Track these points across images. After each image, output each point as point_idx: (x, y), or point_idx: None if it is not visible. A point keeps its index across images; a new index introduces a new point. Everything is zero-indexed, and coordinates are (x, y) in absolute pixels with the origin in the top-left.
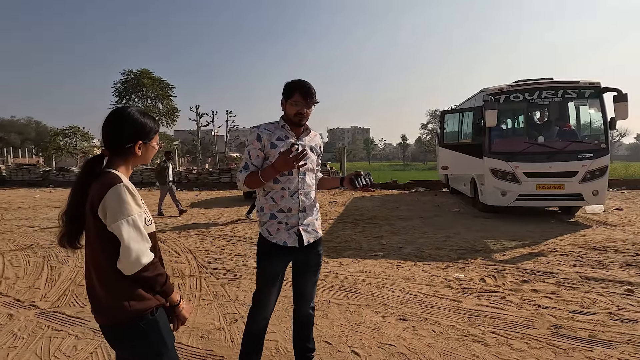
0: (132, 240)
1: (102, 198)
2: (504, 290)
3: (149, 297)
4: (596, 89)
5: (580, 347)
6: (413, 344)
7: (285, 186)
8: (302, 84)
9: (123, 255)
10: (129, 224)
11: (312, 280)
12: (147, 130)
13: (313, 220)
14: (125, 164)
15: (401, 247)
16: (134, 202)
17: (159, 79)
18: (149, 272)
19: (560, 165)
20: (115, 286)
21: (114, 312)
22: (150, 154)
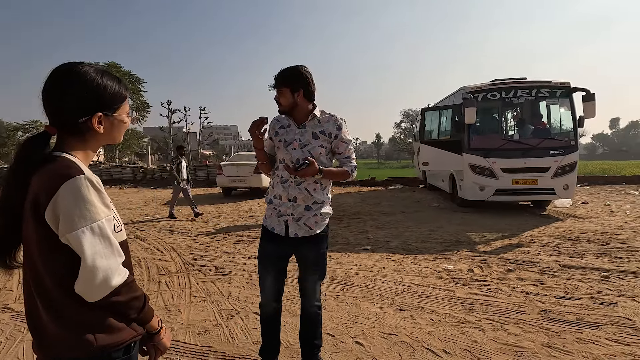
0: (98, 255)
1: (51, 196)
2: (492, 280)
3: (121, 328)
4: (566, 89)
5: (570, 329)
6: (414, 332)
7: (279, 173)
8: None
9: (85, 276)
10: (94, 233)
11: (311, 280)
12: (109, 96)
13: (308, 214)
14: (83, 146)
15: (388, 241)
16: (101, 202)
17: (128, 73)
18: (120, 295)
19: (534, 161)
20: (72, 316)
21: (71, 349)
22: (119, 131)
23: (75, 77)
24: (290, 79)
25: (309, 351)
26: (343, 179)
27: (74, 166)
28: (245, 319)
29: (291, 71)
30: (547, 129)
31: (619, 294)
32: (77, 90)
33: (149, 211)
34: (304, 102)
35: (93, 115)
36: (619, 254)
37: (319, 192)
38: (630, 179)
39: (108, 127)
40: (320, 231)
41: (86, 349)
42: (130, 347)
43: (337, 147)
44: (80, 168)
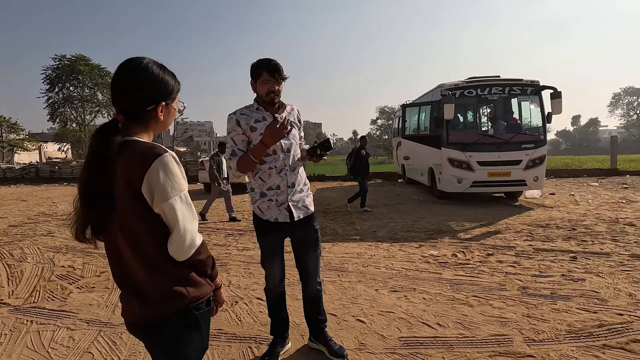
0: (187, 220)
1: (144, 173)
2: (475, 263)
3: (203, 282)
4: (536, 87)
5: (546, 302)
6: (409, 310)
7: (272, 165)
8: (267, 61)
9: (178, 238)
10: (182, 201)
11: (314, 256)
12: (169, 87)
13: (303, 197)
14: (145, 131)
15: (375, 231)
16: (182, 175)
17: (98, 66)
18: (201, 254)
19: (507, 154)
20: (170, 273)
21: (170, 301)
22: (171, 119)
23: (143, 71)
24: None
25: (316, 327)
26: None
27: (157, 146)
28: (250, 304)
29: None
30: (518, 124)
31: (585, 271)
32: (145, 83)
33: None
34: None
35: (158, 104)
36: (584, 238)
37: (303, 174)
38: (591, 172)
39: (166, 116)
40: (312, 209)
41: (183, 299)
42: (210, 300)
43: (300, 132)
44: (163, 147)
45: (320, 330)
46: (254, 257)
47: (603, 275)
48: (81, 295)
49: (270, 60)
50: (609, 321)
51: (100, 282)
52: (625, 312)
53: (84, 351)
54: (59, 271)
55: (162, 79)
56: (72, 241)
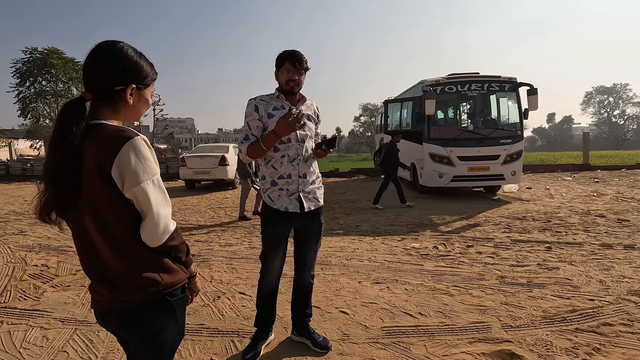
0: (160, 205)
1: (114, 156)
2: (455, 254)
3: (176, 269)
4: (513, 84)
5: (522, 290)
6: (392, 300)
7: (285, 153)
8: (291, 52)
9: (151, 224)
10: (155, 185)
11: (314, 249)
12: (143, 73)
13: (314, 188)
14: (114, 116)
15: (358, 225)
16: (154, 159)
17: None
18: (175, 240)
19: (486, 149)
20: (143, 260)
21: (144, 288)
22: (142, 109)
23: (117, 51)
24: (307, 65)
25: (300, 320)
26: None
27: (127, 129)
28: (232, 298)
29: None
30: (496, 121)
31: (559, 260)
32: (118, 62)
33: None
34: None
35: (128, 86)
36: (559, 229)
37: (316, 167)
38: (565, 167)
39: (136, 101)
40: (322, 202)
41: (156, 285)
42: (184, 287)
43: (317, 129)
44: (133, 130)
45: (304, 324)
46: (237, 252)
47: (576, 263)
48: (55, 294)
49: (293, 51)
50: (581, 306)
51: (76, 281)
52: (596, 298)
53: (59, 350)
54: (32, 270)
55: (135, 61)
56: (45, 240)
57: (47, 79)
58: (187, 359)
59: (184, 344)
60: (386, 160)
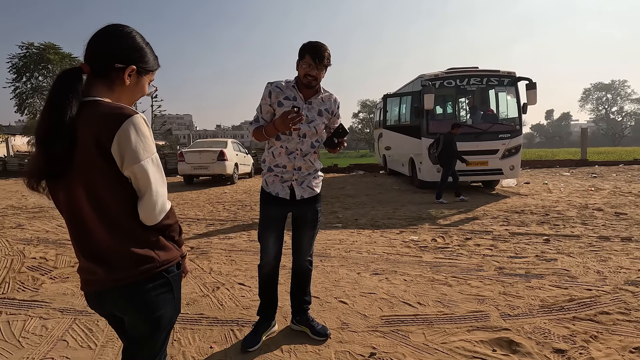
0: (158, 183)
1: (114, 133)
2: (454, 246)
3: (171, 247)
4: (512, 78)
5: (520, 280)
6: (390, 290)
7: (284, 145)
8: (314, 45)
9: (149, 202)
10: (154, 164)
11: (309, 235)
12: (146, 57)
13: (310, 178)
14: (110, 94)
15: (357, 219)
16: (152, 138)
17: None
18: (170, 219)
19: (485, 144)
20: (139, 237)
21: (141, 265)
22: (137, 94)
23: (125, 32)
24: (330, 60)
25: (299, 308)
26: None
27: (125, 107)
28: (232, 289)
29: (330, 52)
30: (495, 115)
31: (557, 252)
32: (123, 41)
33: None
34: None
35: (128, 65)
36: (557, 222)
37: (317, 162)
38: (563, 163)
39: (133, 84)
40: (319, 190)
41: (154, 263)
42: (179, 264)
43: (333, 123)
44: (132, 108)
45: (303, 311)
46: (236, 245)
47: (573, 255)
48: (54, 285)
49: (316, 44)
50: (578, 296)
51: (75, 273)
52: (594, 288)
53: (58, 339)
54: (30, 263)
55: (141, 46)
56: (44, 233)
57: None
58: (187, 347)
59: (184, 333)
60: (444, 152)
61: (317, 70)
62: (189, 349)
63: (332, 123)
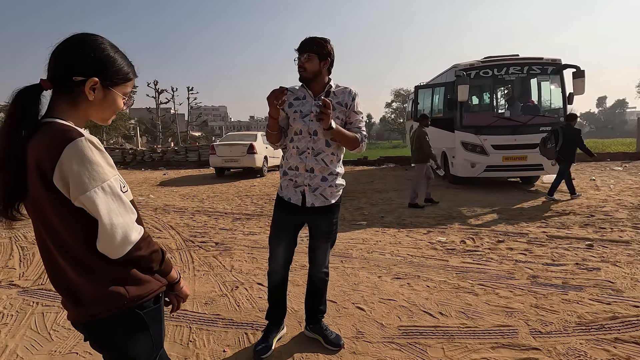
0: (114, 213)
1: (55, 160)
2: (484, 250)
3: (148, 280)
4: (557, 66)
5: (556, 292)
6: (411, 297)
7: (295, 145)
8: (303, 39)
9: (104, 235)
10: (106, 193)
11: (323, 247)
12: (113, 67)
13: (324, 185)
14: (74, 111)
15: (383, 217)
16: (105, 162)
17: None
18: (142, 250)
19: (524, 137)
20: (101, 273)
21: (106, 303)
22: (111, 108)
23: (88, 41)
24: (320, 47)
25: (313, 316)
26: (352, 147)
27: (72, 129)
28: (250, 289)
29: (321, 40)
30: (536, 106)
31: (602, 260)
32: (83, 52)
33: (143, 192)
34: (326, 73)
35: (89, 78)
36: (603, 225)
37: (335, 164)
38: (615, 156)
39: (99, 99)
40: (334, 201)
41: (120, 300)
42: (158, 297)
43: (349, 117)
44: (79, 130)
45: (317, 319)
46: (259, 241)
47: (620, 264)
48: None
49: (305, 38)
50: (623, 313)
51: None
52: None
53: None
54: None
55: (106, 55)
56: None
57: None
58: (201, 349)
59: (199, 334)
60: (565, 146)
61: (303, 59)
62: (203, 351)
63: (349, 118)
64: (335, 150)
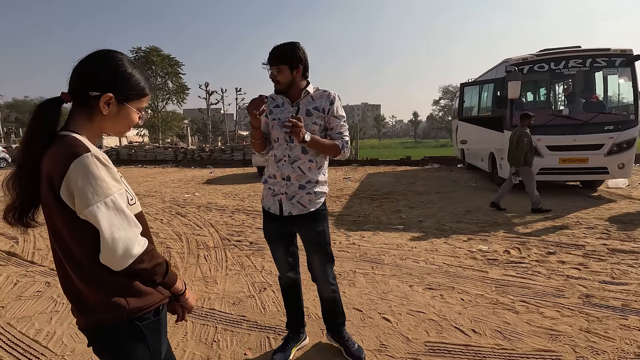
0: (116, 227)
1: (63, 175)
2: (530, 262)
3: (149, 292)
4: (628, 57)
5: (613, 315)
6: (443, 311)
7: (273, 152)
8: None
9: (106, 249)
10: (108, 208)
11: (316, 259)
12: (129, 84)
13: (302, 193)
14: (89, 124)
15: (421, 221)
16: (110, 177)
17: (168, 56)
18: (144, 263)
19: (585, 137)
20: (104, 283)
21: (108, 311)
22: (125, 122)
23: (106, 58)
24: (289, 56)
25: (333, 328)
26: (333, 154)
27: (80, 144)
28: (277, 292)
29: (289, 48)
30: (601, 103)
31: None
32: (100, 68)
33: (190, 189)
34: (301, 79)
35: (104, 93)
36: None
37: (314, 171)
38: None
39: (113, 113)
40: (315, 209)
41: (120, 311)
42: (159, 309)
43: (329, 123)
44: (86, 146)
45: (337, 330)
46: None
47: None
48: None
49: (274, 47)
50: None
51: None
52: None
53: None
54: None
55: (123, 71)
56: None
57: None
58: (224, 350)
59: (224, 335)
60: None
61: (275, 71)
62: (225, 352)
63: (329, 123)
64: (314, 157)
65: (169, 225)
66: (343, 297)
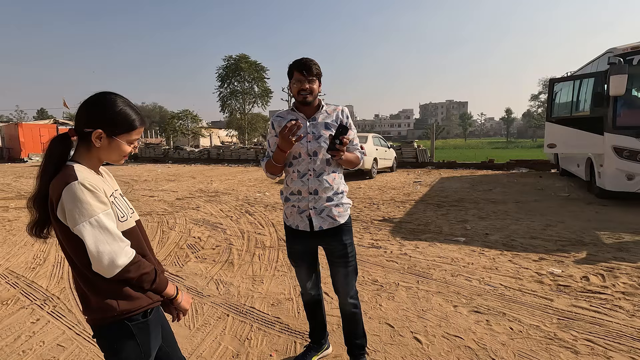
0: (101, 242)
1: (59, 199)
2: (613, 293)
3: (138, 296)
4: None
5: None
6: (484, 339)
7: (295, 169)
8: (299, 61)
9: (93, 260)
10: (93, 226)
11: (341, 272)
12: (117, 121)
13: (330, 205)
14: (88, 155)
15: (487, 234)
16: (96, 200)
17: (255, 63)
18: (131, 273)
19: None
20: (99, 287)
21: (103, 311)
22: (117, 153)
23: (100, 99)
24: (319, 70)
25: (352, 350)
26: (353, 166)
27: (72, 174)
28: None
29: (316, 62)
30: None
31: None
32: (93, 108)
33: (262, 189)
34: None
35: (94, 130)
36: None
37: (338, 182)
38: None
39: (105, 146)
40: (344, 222)
41: (112, 311)
42: (147, 312)
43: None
44: (75, 175)
45: (357, 356)
46: None
47: None
48: (194, 264)
49: (301, 59)
50: None
51: (212, 255)
52: None
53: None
54: (190, 241)
55: (112, 111)
56: (208, 216)
57: (238, 80)
58: (253, 349)
59: (257, 334)
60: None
61: (308, 83)
62: (254, 350)
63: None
64: (336, 168)
65: (237, 223)
66: (378, 311)
